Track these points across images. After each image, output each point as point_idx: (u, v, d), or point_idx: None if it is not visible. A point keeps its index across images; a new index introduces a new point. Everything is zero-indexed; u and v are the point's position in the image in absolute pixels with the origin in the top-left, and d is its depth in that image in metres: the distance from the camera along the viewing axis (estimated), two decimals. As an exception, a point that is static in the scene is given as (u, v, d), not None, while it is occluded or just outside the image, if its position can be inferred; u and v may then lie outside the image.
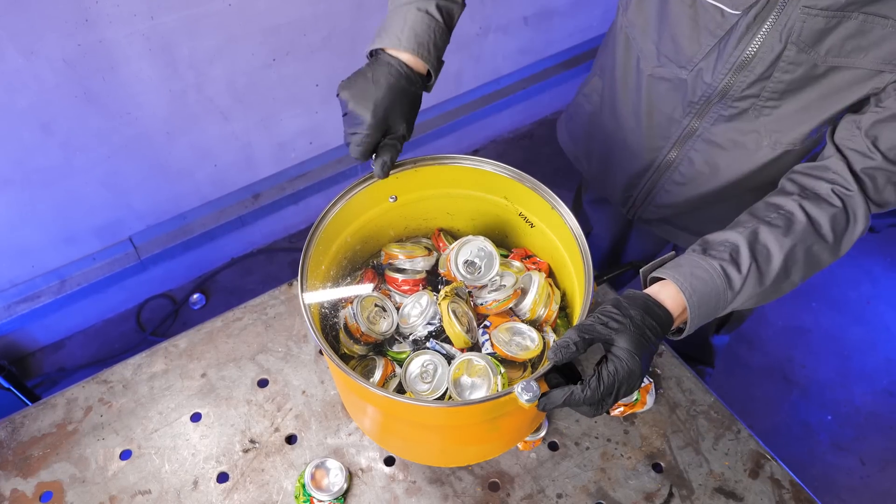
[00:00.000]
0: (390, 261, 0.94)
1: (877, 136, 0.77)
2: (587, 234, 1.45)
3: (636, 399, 1.00)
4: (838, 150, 0.81)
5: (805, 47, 0.77)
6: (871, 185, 0.79)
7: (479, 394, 0.80)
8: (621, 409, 1.00)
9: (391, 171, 0.89)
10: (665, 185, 1.07)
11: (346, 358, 0.88)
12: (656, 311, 0.72)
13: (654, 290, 0.76)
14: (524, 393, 0.68)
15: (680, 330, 0.77)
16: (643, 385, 1.01)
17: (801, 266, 0.80)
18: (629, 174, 1.11)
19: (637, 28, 0.94)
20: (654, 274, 0.77)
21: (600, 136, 1.14)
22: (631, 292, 0.75)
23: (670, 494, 0.94)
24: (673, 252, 0.84)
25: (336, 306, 0.90)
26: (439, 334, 0.87)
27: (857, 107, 0.81)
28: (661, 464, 0.96)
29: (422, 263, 0.93)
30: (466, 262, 0.91)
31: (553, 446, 0.98)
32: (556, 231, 0.90)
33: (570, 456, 0.97)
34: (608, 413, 1.01)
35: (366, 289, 0.92)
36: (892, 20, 0.73)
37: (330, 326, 0.89)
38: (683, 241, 1.17)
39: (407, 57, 0.79)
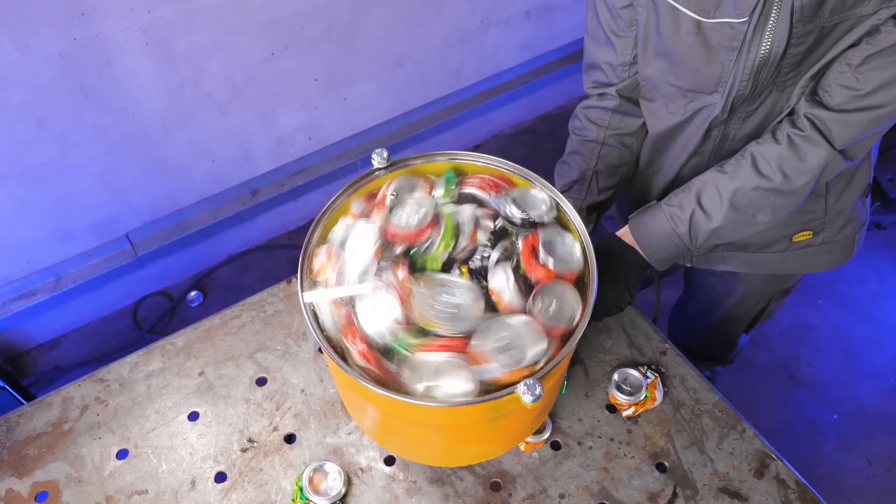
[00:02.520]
0: None
1: (866, 69, 0.80)
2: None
3: (645, 396, 0.99)
4: (814, 91, 0.85)
5: (808, 18, 0.78)
6: (841, 122, 0.83)
7: None
8: (633, 409, 0.99)
9: (392, 168, 0.88)
10: None
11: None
12: (619, 246, 0.98)
13: (622, 231, 1.00)
14: (527, 392, 0.67)
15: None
16: (650, 381, 1.00)
17: (755, 205, 0.90)
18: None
19: (655, 78, 0.95)
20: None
21: (646, 183, 1.14)
22: (610, 236, 1.01)
23: (674, 494, 0.93)
24: (655, 201, 1.00)
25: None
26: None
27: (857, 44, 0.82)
28: (665, 463, 0.95)
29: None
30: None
31: (555, 446, 0.97)
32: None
33: (572, 455, 0.96)
34: (611, 412, 1.00)
35: (366, 288, 0.90)
36: None
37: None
38: (735, 264, 1.15)
39: None
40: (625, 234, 1.01)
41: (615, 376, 1.01)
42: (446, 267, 0.80)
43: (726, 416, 1.00)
